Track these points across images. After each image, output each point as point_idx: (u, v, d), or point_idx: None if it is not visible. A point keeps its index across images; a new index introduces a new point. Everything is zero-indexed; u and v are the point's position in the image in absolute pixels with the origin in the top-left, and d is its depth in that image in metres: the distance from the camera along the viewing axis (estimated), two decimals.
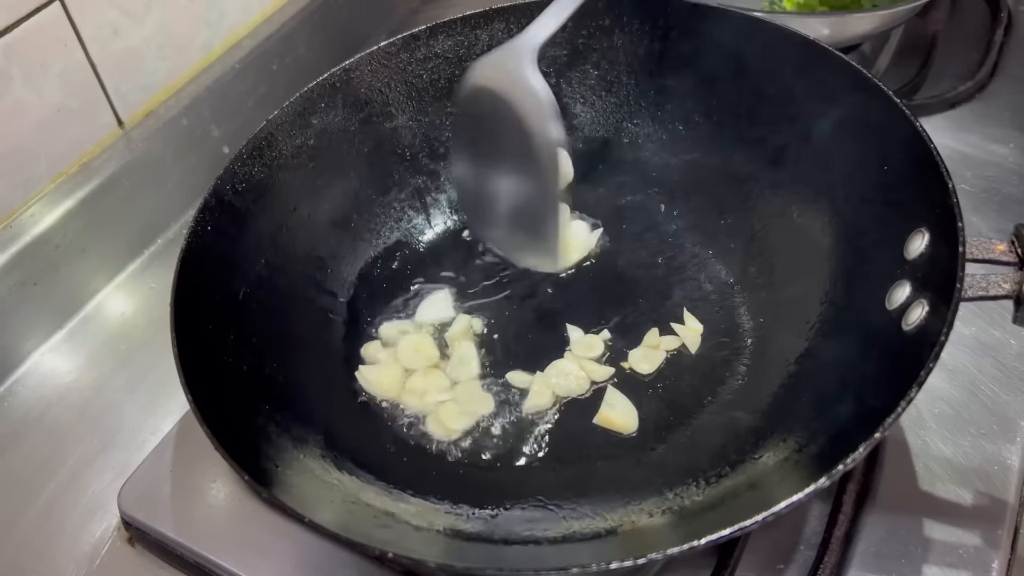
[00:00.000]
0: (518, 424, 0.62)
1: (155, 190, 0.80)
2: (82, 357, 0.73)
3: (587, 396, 0.63)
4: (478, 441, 0.61)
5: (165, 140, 0.80)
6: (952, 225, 0.49)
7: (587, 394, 0.63)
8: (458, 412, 0.62)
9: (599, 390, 0.63)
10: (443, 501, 0.56)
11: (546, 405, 0.62)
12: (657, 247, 0.71)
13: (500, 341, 0.67)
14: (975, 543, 0.53)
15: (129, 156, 0.77)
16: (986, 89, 0.87)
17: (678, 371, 0.64)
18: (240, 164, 0.62)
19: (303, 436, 0.56)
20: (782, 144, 0.65)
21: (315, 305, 0.66)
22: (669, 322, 0.66)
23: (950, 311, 0.45)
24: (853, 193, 0.59)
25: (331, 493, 0.52)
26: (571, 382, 0.63)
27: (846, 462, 0.42)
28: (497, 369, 0.65)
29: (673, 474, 0.56)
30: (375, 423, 0.62)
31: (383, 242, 0.73)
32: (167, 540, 0.57)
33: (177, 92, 0.83)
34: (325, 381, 0.63)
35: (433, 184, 0.75)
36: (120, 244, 0.79)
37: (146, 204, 0.80)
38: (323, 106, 0.68)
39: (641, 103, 0.73)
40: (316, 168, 0.68)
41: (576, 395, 0.63)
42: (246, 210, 0.62)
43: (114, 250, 0.78)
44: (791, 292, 0.63)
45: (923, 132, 0.54)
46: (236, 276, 0.60)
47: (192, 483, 0.60)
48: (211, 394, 0.51)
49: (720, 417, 0.59)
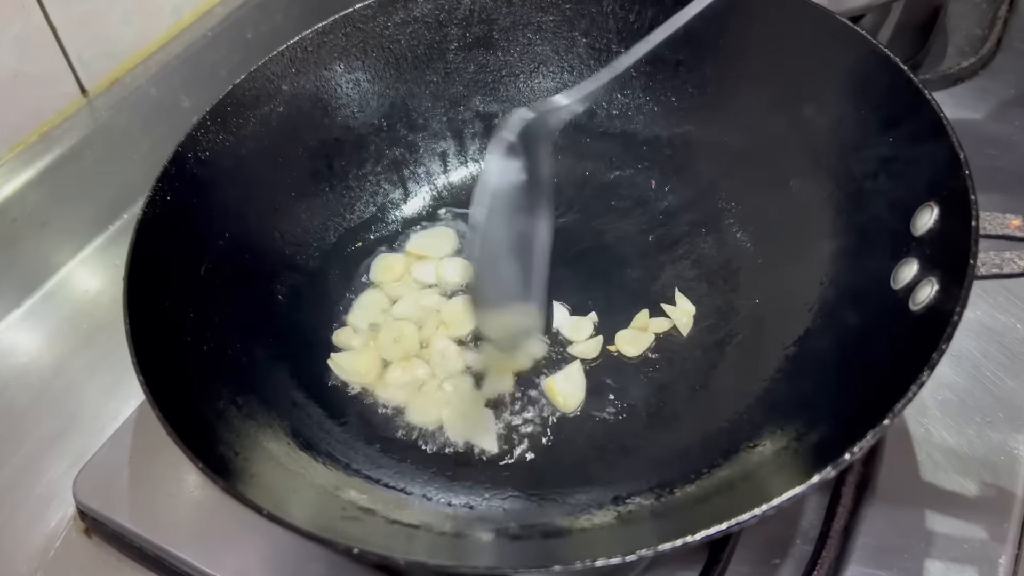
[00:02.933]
0: (500, 412, 0.59)
1: (121, 162, 0.77)
2: (41, 336, 0.71)
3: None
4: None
5: (132, 110, 0.78)
6: (964, 199, 0.46)
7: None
8: (438, 403, 0.59)
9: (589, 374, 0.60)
10: (417, 493, 0.53)
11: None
12: (647, 225, 0.68)
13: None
14: (981, 537, 0.51)
15: (93, 126, 0.75)
16: (990, 65, 0.84)
17: (668, 355, 0.61)
18: (203, 131, 0.60)
19: (268, 422, 0.53)
20: (780, 115, 0.62)
21: (283, 283, 0.64)
22: (659, 303, 0.63)
23: (963, 289, 0.42)
24: (855, 166, 0.56)
25: (297, 483, 0.49)
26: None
27: (853, 451, 0.39)
28: (476, 351, 0.62)
29: (663, 464, 0.53)
30: (346, 410, 0.60)
31: (357, 217, 0.70)
32: (125, 531, 0.55)
33: (145, 60, 0.80)
34: (293, 364, 0.60)
35: (411, 156, 0.72)
36: (83, 218, 0.77)
37: (111, 177, 0.77)
38: (293, 71, 0.65)
39: (631, 72, 0.66)
40: (286, 137, 0.65)
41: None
42: (209, 180, 0.59)
43: (77, 225, 0.76)
44: (789, 271, 0.60)
45: (932, 100, 0.51)
46: (197, 250, 0.58)
47: (153, 471, 0.58)
48: (166, 375, 0.48)
49: (713, 403, 0.57)
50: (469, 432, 0.57)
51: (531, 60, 0.71)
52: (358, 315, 0.65)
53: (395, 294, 0.66)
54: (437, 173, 0.73)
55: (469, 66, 0.71)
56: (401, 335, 0.63)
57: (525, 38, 0.70)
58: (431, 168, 0.73)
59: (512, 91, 0.72)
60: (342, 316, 0.65)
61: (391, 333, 0.63)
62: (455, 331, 0.63)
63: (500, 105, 0.72)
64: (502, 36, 0.70)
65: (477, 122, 0.73)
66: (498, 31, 0.70)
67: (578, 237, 0.68)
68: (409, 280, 0.67)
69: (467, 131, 0.73)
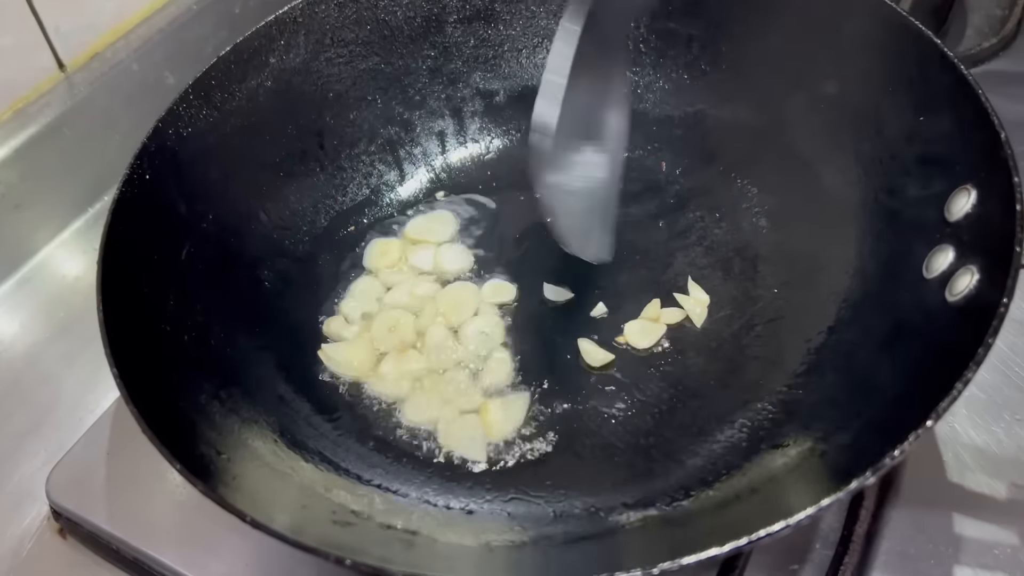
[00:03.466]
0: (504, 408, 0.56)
1: (101, 141, 0.75)
2: (15, 324, 0.69)
3: (580, 378, 0.58)
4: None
5: (112, 86, 0.75)
6: (1006, 180, 0.43)
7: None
8: (435, 400, 0.57)
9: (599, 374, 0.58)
10: (413, 496, 0.51)
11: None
12: (658, 209, 0.65)
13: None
14: (1012, 542, 0.49)
15: (71, 102, 0.73)
16: (1011, 46, 0.82)
17: (681, 347, 0.58)
18: (186, 105, 0.57)
19: (253, 418, 0.51)
20: (800, 94, 0.59)
21: (270, 269, 0.61)
22: (671, 292, 0.61)
23: (1010, 277, 0.40)
24: (883, 147, 0.54)
25: (284, 485, 0.47)
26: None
27: (893, 454, 0.36)
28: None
29: (676, 467, 0.51)
30: (337, 405, 0.57)
31: (350, 199, 0.68)
32: (101, 533, 0.53)
33: (126, 33, 0.78)
34: (280, 356, 0.57)
35: (407, 136, 0.70)
36: (61, 200, 0.74)
37: (90, 156, 0.75)
38: (282, 43, 0.62)
39: (641, 48, 0.67)
40: (274, 113, 0.63)
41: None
42: (191, 158, 0.57)
43: (53, 207, 0.74)
44: (812, 259, 0.57)
45: (969, 76, 0.48)
46: (178, 233, 0.55)
47: (132, 468, 0.56)
48: (143, 368, 0.46)
49: (730, 402, 0.54)
50: (458, 444, 0.55)
51: (534, 34, 0.69)
52: (351, 303, 0.62)
53: (390, 281, 0.64)
54: (435, 154, 0.71)
55: (469, 40, 0.69)
56: (396, 324, 0.60)
57: (528, 10, 0.68)
58: (428, 148, 0.70)
59: (514, 67, 0.70)
60: (333, 305, 0.63)
61: (385, 322, 0.60)
62: (453, 320, 0.60)
63: (501, 82, 0.70)
64: (504, 8, 0.68)
65: (477, 100, 0.70)
66: (500, 2, 0.68)
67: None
68: (405, 267, 0.65)
69: (466, 109, 0.70)
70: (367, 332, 0.60)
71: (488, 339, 0.59)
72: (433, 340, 0.59)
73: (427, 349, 0.59)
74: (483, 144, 0.71)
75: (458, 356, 0.59)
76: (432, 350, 0.59)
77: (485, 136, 0.71)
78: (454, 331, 0.60)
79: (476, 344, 0.59)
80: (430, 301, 0.62)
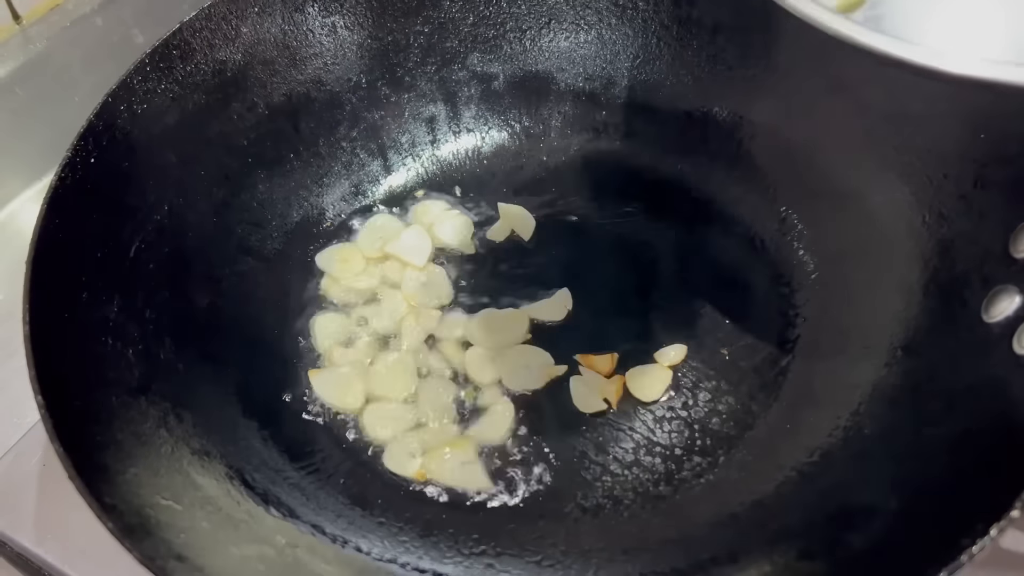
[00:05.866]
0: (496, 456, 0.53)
1: (59, 103, 0.71)
2: None
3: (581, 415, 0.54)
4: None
5: (72, 42, 0.72)
6: None
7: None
8: (417, 449, 0.53)
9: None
10: (386, 551, 0.46)
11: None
12: (674, 228, 0.61)
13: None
14: None
15: (25, 58, 0.70)
16: None
17: (689, 396, 0.54)
18: (141, 78, 0.53)
19: (205, 449, 0.46)
20: (842, 101, 0.54)
21: (232, 270, 0.58)
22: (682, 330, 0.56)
23: None
24: (937, 169, 0.50)
25: (237, 536, 0.42)
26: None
27: (971, 550, 0.31)
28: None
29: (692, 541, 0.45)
30: (310, 441, 0.53)
31: (328, 191, 0.64)
32: (31, 555, 0.51)
33: None
34: (240, 375, 0.53)
35: (394, 121, 0.66)
36: (9, 167, 0.71)
37: (46, 119, 0.71)
38: (256, 11, 0.58)
39: (660, 37, 0.63)
40: (243, 90, 0.59)
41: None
42: (145, 140, 0.53)
43: (2, 175, 0.71)
44: (851, 295, 0.53)
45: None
46: (127, 227, 0.51)
47: (65, 486, 0.48)
48: (76, 391, 0.42)
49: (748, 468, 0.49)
50: (453, 477, 0.51)
51: (541, 13, 0.65)
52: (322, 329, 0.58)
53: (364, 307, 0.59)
54: (423, 143, 0.67)
55: (467, 16, 0.64)
56: (399, 367, 0.56)
57: None
58: (416, 136, 0.67)
59: (517, 49, 0.66)
60: (304, 312, 0.59)
61: (389, 366, 0.56)
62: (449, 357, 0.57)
63: (502, 65, 0.66)
64: None
65: (474, 84, 0.66)
66: None
67: (591, 238, 0.62)
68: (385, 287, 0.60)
69: (461, 94, 0.66)
70: (359, 368, 0.56)
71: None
72: (429, 385, 0.55)
73: (420, 396, 0.55)
74: (478, 135, 0.67)
75: (450, 398, 0.54)
76: (425, 397, 0.55)
77: (481, 126, 0.67)
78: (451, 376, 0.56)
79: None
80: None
